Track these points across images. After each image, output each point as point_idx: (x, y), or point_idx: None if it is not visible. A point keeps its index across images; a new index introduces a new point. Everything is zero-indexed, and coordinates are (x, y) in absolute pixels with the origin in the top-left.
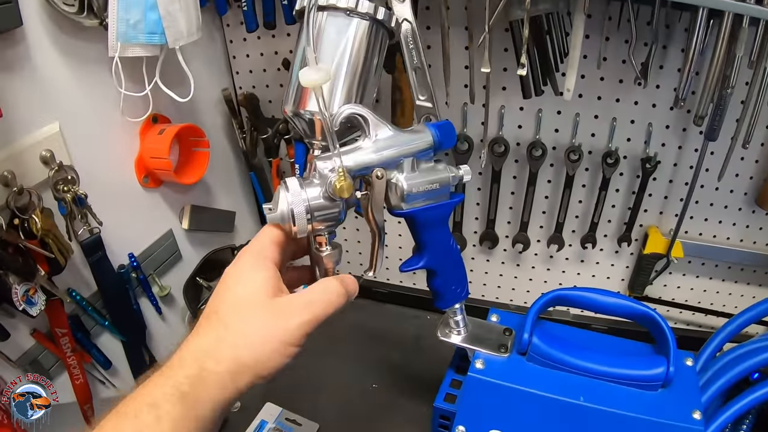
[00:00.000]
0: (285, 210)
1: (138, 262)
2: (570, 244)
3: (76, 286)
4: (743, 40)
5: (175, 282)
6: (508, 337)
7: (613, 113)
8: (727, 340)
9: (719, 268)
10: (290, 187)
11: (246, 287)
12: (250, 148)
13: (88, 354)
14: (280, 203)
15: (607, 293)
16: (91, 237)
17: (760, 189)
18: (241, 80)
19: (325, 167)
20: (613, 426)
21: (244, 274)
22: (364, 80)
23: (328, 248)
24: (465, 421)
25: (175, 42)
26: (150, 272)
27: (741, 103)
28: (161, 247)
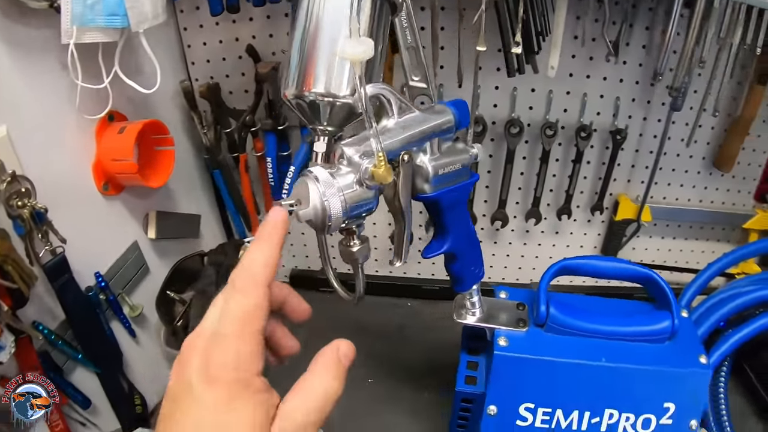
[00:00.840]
0: (318, 204)
1: (106, 282)
2: (545, 217)
3: (40, 317)
4: (714, 18)
5: (145, 299)
6: (522, 311)
7: (583, 89)
8: (697, 294)
9: (682, 228)
10: (320, 176)
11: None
12: (214, 143)
13: (65, 395)
14: (311, 197)
15: (607, 259)
16: (54, 258)
17: (716, 153)
18: (198, 71)
19: (354, 153)
20: (632, 380)
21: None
22: (373, 58)
23: (358, 242)
24: (495, 399)
25: (138, 25)
26: (119, 291)
27: (698, 75)
28: (128, 262)
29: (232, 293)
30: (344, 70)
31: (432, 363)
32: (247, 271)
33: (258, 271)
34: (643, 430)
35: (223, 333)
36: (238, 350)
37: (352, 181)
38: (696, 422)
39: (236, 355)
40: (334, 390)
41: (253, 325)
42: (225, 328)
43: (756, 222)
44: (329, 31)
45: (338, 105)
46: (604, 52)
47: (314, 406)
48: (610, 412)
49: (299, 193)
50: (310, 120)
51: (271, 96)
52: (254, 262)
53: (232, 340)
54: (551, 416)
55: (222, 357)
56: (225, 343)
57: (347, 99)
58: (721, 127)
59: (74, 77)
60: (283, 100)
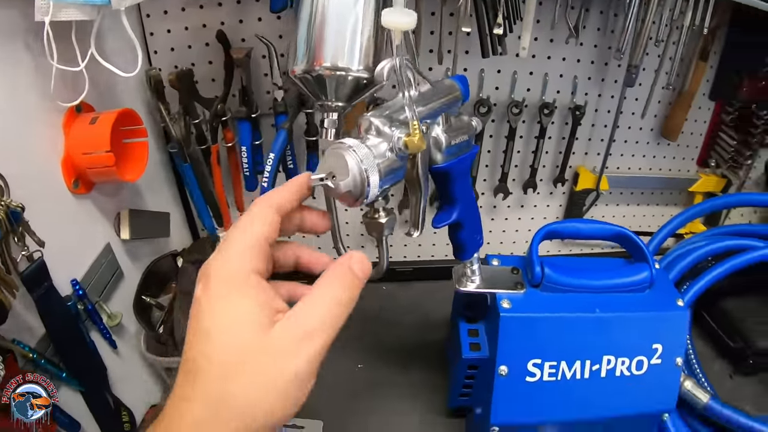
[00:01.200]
0: (357, 174)
1: (83, 290)
2: (511, 192)
3: (19, 334)
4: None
5: (122, 306)
6: (517, 275)
7: (545, 69)
8: (654, 254)
9: (634, 195)
10: (357, 147)
11: (230, 330)
12: (184, 135)
13: (53, 421)
14: (350, 167)
15: (587, 221)
16: (32, 264)
17: (663, 125)
18: (161, 60)
19: (382, 124)
20: (624, 326)
21: (224, 307)
22: (377, 32)
23: (384, 213)
24: (505, 359)
25: (120, 2)
26: (96, 299)
27: (646, 54)
28: (102, 267)
29: (246, 210)
30: (355, 45)
31: (416, 342)
32: (260, 198)
33: (270, 196)
34: (637, 371)
35: (224, 239)
36: (231, 250)
37: (384, 150)
38: (681, 359)
39: (228, 253)
40: (345, 300)
41: (252, 228)
42: (227, 235)
43: (700, 185)
44: (339, 8)
45: (349, 79)
46: (563, 35)
47: (322, 313)
48: (607, 358)
49: (330, 166)
50: (317, 96)
51: (244, 83)
52: (268, 194)
53: (228, 242)
54: (557, 369)
55: (215, 258)
56: (222, 246)
57: (359, 73)
58: (666, 101)
59: (50, 58)
60: (291, 77)
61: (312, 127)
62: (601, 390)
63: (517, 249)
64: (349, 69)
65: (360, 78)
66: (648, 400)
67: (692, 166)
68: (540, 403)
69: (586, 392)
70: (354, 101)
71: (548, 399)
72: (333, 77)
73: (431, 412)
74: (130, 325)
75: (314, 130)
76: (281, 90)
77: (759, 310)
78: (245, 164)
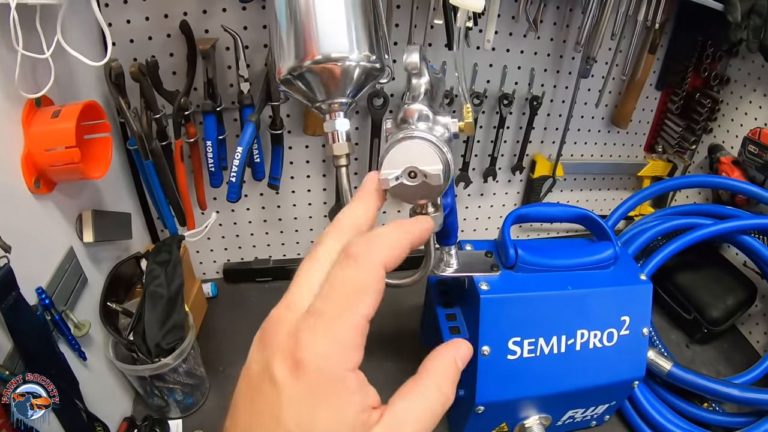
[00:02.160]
0: (442, 160)
1: (50, 298)
2: (472, 181)
3: None
4: None
5: (88, 314)
6: (491, 258)
7: (504, 61)
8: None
9: (587, 180)
10: (429, 135)
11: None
12: (146, 131)
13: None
14: (436, 155)
15: (553, 205)
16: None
17: (614, 114)
18: (120, 52)
19: (425, 108)
20: (594, 301)
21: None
22: (375, 12)
23: (433, 209)
24: (487, 340)
25: None
26: (62, 308)
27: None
28: (66, 272)
29: (347, 261)
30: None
31: (389, 332)
32: (371, 245)
33: (383, 249)
34: (608, 342)
35: (320, 309)
36: (335, 334)
37: (442, 134)
38: (647, 329)
39: (331, 341)
40: (449, 398)
41: (360, 307)
42: (325, 304)
43: (648, 170)
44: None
45: (357, 70)
46: (522, 29)
47: (427, 415)
48: (581, 332)
49: (402, 160)
50: (317, 94)
51: (210, 75)
52: (383, 242)
53: (330, 320)
54: (535, 345)
55: (313, 339)
56: (320, 323)
57: (366, 62)
58: (617, 91)
59: (15, 44)
60: (277, 79)
61: (278, 119)
62: (577, 363)
63: (479, 235)
64: (349, 58)
65: (366, 67)
66: (620, 370)
67: (640, 152)
68: (521, 380)
69: (563, 366)
70: (360, 95)
71: (529, 375)
72: (332, 70)
73: None
74: (96, 334)
75: (280, 123)
76: (247, 82)
77: (708, 283)
78: (210, 160)
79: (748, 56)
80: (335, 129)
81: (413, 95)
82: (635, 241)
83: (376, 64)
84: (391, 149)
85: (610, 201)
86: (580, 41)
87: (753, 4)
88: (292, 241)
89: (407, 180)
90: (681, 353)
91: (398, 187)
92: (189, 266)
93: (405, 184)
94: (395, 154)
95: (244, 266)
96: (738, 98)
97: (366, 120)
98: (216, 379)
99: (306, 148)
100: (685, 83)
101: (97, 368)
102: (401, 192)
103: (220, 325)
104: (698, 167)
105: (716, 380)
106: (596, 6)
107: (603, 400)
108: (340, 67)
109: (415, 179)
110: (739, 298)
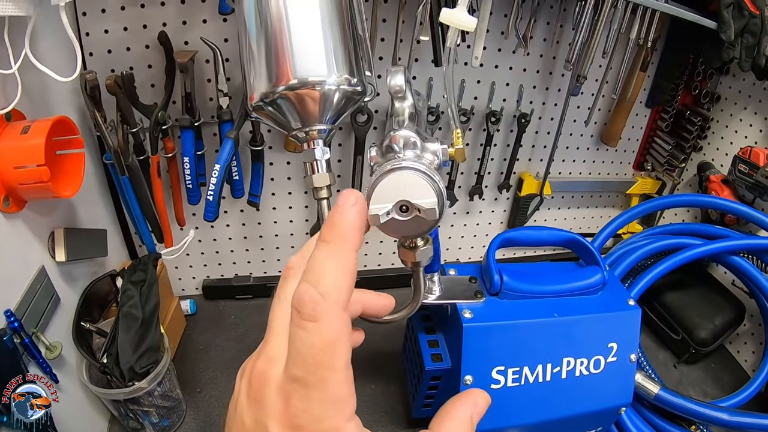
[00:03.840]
0: (435, 192)
1: (19, 321)
2: (458, 199)
3: None
4: (618, 15)
5: (60, 335)
6: (475, 284)
7: (492, 78)
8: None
9: (575, 198)
10: (421, 164)
11: None
12: (122, 146)
13: None
14: (429, 187)
15: (540, 228)
16: None
17: (603, 131)
18: (96, 63)
19: (414, 136)
20: (581, 328)
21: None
22: (353, 32)
23: (422, 242)
24: (470, 369)
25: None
26: (32, 330)
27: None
28: (37, 293)
29: (302, 322)
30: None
31: (371, 354)
32: (320, 291)
33: (334, 289)
34: (595, 369)
35: (302, 378)
36: (326, 396)
37: (431, 163)
38: (635, 355)
39: (325, 403)
40: None
41: (337, 362)
42: (304, 371)
43: (636, 188)
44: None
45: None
46: (511, 45)
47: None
48: (567, 360)
49: (390, 194)
50: (288, 124)
51: (188, 89)
52: (329, 278)
53: (315, 386)
54: (520, 374)
55: (307, 404)
56: (307, 391)
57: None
58: (606, 109)
59: None
60: (249, 107)
61: (258, 135)
62: (563, 391)
63: (463, 255)
64: (327, 82)
65: (346, 91)
66: (606, 397)
67: (629, 170)
68: (506, 409)
69: (548, 394)
70: (339, 120)
71: (513, 404)
72: (309, 95)
73: (395, 423)
74: (70, 356)
75: (260, 138)
76: (227, 97)
77: (696, 302)
78: (188, 176)
79: (739, 74)
80: (314, 158)
81: (398, 120)
82: (623, 261)
83: (357, 87)
84: (380, 182)
85: (599, 219)
86: (571, 59)
87: (746, 23)
88: (273, 258)
89: (398, 215)
90: (668, 373)
91: (389, 224)
92: (167, 283)
93: (396, 219)
94: (384, 188)
95: (224, 283)
96: (728, 116)
97: (349, 137)
98: (193, 400)
99: (288, 164)
100: (675, 101)
101: (70, 390)
102: (391, 228)
103: (198, 343)
104: (687, 185)
105: (705, 404)
106: (588, 23)
107: (589, 426)
108: (318, 92)
109: (407, 213)
110: (727, 318)
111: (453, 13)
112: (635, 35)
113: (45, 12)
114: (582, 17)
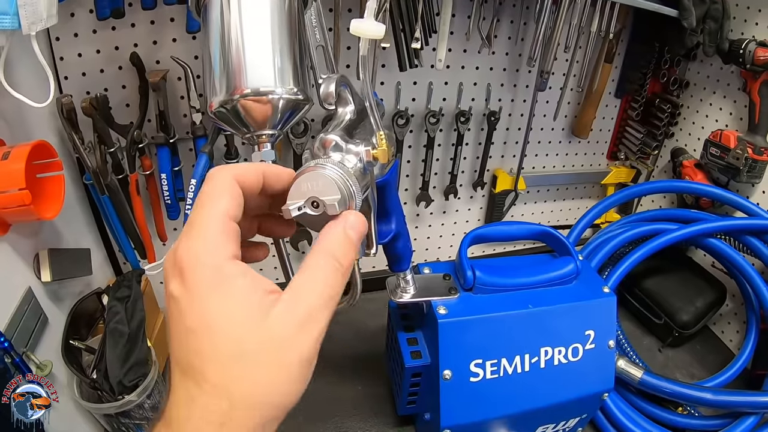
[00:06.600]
0: (346, 190)
1: (9, 342)
2: (433, 199)
3: None
4: (578, 9)
5: (50, 354)
6: (449, 281)
7: (459, 79)
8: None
9: (551, 192)
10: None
11: (224, 327)
12: (101, 166)
13: None
14: (337, 184)
15: (511, 223)
16: None
17: (574, 124)
18: (72, 86)
19: (341, 140)
20: (556, 318)
21: (211, 305)
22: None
23: None
24: (448, 364)
25: (31, 27)
26: (22, 350)
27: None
28: (25, 314)
29: (204, 182)
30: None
31: (354, 355)
32: (217, 169)
33: (227, 166)
34: (574, 357)
35: (187, 224)
36: (201, 233)
37: (354, 164)
38: (612, 341)
39: (199, 239)
40: (344, 266)
41: (217, 205)
42: (190, 218)
43: (611, 177)
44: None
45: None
46: (476, 45)
47: (320, 289)
48: (545, 349)
49: (305, 191)
50: (245, 128)
51: (161, 107)
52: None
53: (193, 225)
54: (498, 366)
55: (185, 243)
56: (188, 231)
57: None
58: (575, 102)
59: None
60: (209, 113)
61: (232, 148)
62: (542, 380)
63: (443, 254)
64: (275, 92)
65: (290, 100)
66: (588, 384)
67: (603, 160)
68: (486, 401)
69: (528, 384)
70: (287, 127)
71: (494, 396)
72: (260, 103)
73: (382, 422)
74: (60, 373)
75: (235, 151)
76: (199, 113)
77: (677, 286)
78: (166, 192)
79: (706, 59)
80: (262, 159)
81: (336, 123)
82: (601, 250)
83: (299, 96)
84: (295, 181)
85: (575, 210)
86: (533, 56)
87: (707, 9)
88: (255, 267)
89: (311, 210)
90: (654, 358)
91: (303, 217)
92: (152, 298)
93: (308, 213)
94: (298, 185)
95: None
96: (698, 101)
97: (288, 149)
98: None
99: None
100: (644, 90)
101: (62, 407)
102: (307, 221)
103: None
104: (662, 171)
105: (688, 385)
106: (548, 19)
107: (573, 413)
108: (267, 100)
109: (317, 209)
110: (708, 300)
111: (360, 24)
112: (596, 28)
113: (18, 40)
114: (542, 13)
